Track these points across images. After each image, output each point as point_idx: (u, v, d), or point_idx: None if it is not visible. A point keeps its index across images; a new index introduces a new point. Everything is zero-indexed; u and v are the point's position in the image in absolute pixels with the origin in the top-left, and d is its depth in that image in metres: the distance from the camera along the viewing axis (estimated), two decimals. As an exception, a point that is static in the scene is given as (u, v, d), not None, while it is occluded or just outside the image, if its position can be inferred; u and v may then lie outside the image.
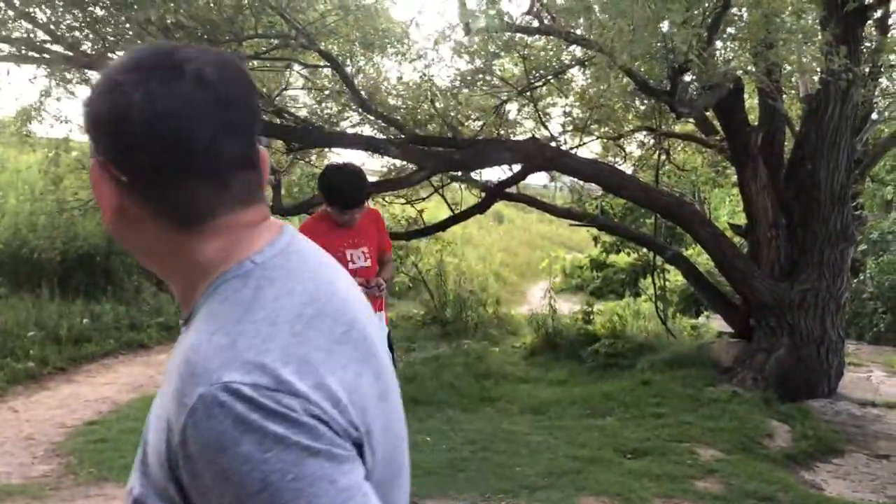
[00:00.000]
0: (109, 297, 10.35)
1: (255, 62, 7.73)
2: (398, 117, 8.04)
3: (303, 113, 9.43)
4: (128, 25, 6.21)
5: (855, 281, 12.91)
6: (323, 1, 7.46)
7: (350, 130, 9.20)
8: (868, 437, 6.28)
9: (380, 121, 7.95)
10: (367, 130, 9.03)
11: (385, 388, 0.94)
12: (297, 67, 8.86)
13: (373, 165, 12.12)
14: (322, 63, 7.86)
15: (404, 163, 8.50)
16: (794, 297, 7.13)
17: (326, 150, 10.50)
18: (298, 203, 9.11)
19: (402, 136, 7.57)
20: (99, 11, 6.30)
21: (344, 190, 3.72)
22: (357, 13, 7.24)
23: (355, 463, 0.83)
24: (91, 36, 6.68)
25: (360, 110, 8.14)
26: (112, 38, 6.35)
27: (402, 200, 10.52)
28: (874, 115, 11.83)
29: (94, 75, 7.38)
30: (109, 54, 6.72)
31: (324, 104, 9.22)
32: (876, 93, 11.74)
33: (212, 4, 6.43)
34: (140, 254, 0.95)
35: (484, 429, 6.21)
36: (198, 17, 6.38)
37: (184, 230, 0.90)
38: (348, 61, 8.29)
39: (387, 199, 10.65)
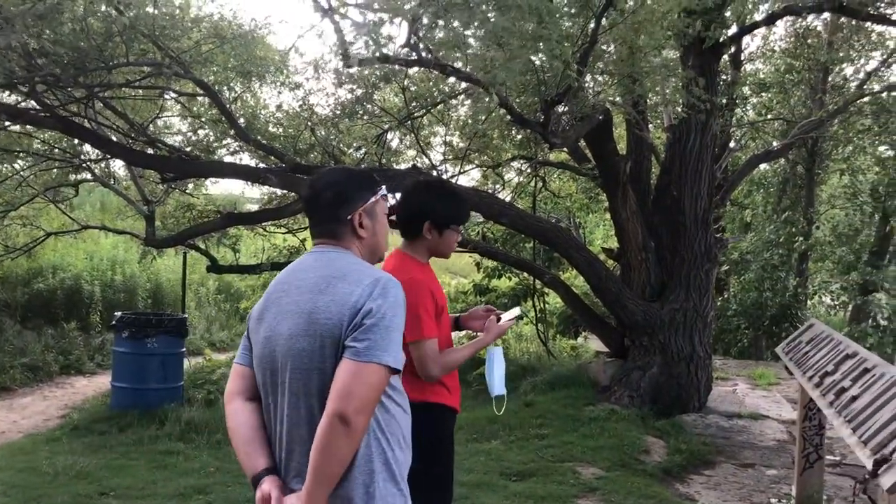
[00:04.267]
0: (-35, 339, 9.64)
1: (126, 90, 7.47)
2: (278, 146, 7.93)
3: (178, 141, 9.17)
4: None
5: (720, 299, 13.70)
6: (198, 29, 7.30)
7: (228, 159, 9.01)
8: (735, 447, 6.65)
9: (259, 149, 7.81)
10: (245, 159, 8.87)
11: (263, 316, 2.06)
12: (171, 95, 8.61)
13: (252, 194, 11.89)
14: (198, 91, 7.68)
15: (285, 192, 8.39)
16: (664, 316, 7.49)
17: (203, 179, 10.24)
18: (174, 234, 8.79)
19: (283, 165, 7.47)
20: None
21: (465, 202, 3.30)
22: (233, 41, 7.12)
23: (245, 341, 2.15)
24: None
25: (237, 139, 7.98)
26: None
27: (284, 230, 10.37)
28: (732, 144, 12.66)
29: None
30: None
31: (200, 132, 9.00)
32: (733, 123, 12.58)
33: (79, 30, 6.16)
34: None
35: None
36: (64, 43, 6.10)
37: None
38: (225, 89, 8.14)
39: (268, 228, 10.47)
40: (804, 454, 5.11)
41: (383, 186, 2.22)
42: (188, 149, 8.57)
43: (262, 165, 8.32)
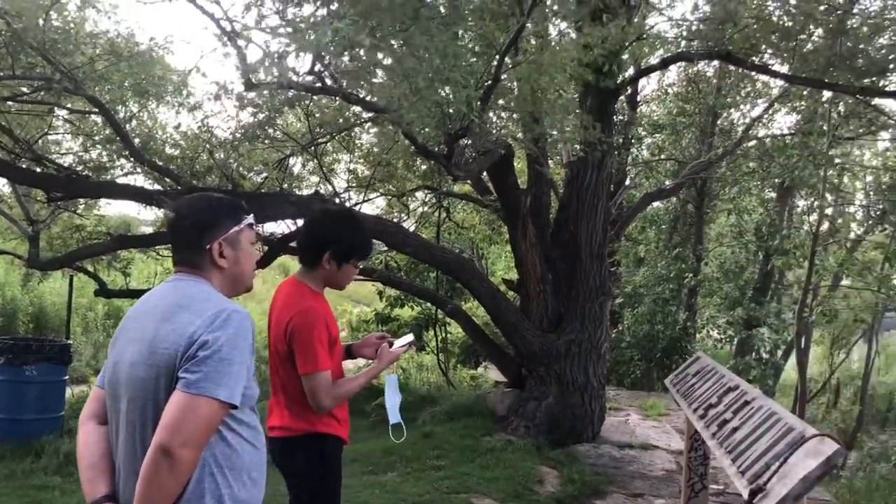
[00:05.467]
0: None
1: (12, 104, 7.11)
2: (174, 168, 7.71)
3: (69, 160, 8.79)
4: None
5: (614, 332, 14.10)
6: (92, 45, 7.04)
7: (122, 180, 8.69)
8: (626, 477, 6.81)
9: (154, 171, 7.56)
10: (140, 180, 8.58)
11: (115, 341, 2.07)
12: (61, 112, 8.25)
13: (148, 217, 11.50)
14: (91, 109, 7.39)
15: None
16: (560, 347, 7.64)
17: (94, 200, 9.84)
18: (60, 256, 8.37)
19: (178, 188, 7.25)
20: None
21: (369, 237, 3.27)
22: (130, 60, 6.90)
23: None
24: None
25: (132, 159, 7.71)
26: None
27: (179, 254, 10.06)
28: (627, 182, 13.14)
29: None
30: None
31: (92, 152, 8.64)
32: (628, 162, 13.08)
33: (-41, 39, 5.84)
34: None
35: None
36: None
37: None
38: (120, 108, 7.86)
39: (162, 252, 10.13)
40: (690, 484, 5.29)
41: (250, 215, 2.20)
42: (79, 168, 8.21)
43: (157, 187, 8.06)
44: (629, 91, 12.64)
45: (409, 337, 3.39)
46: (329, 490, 3.06)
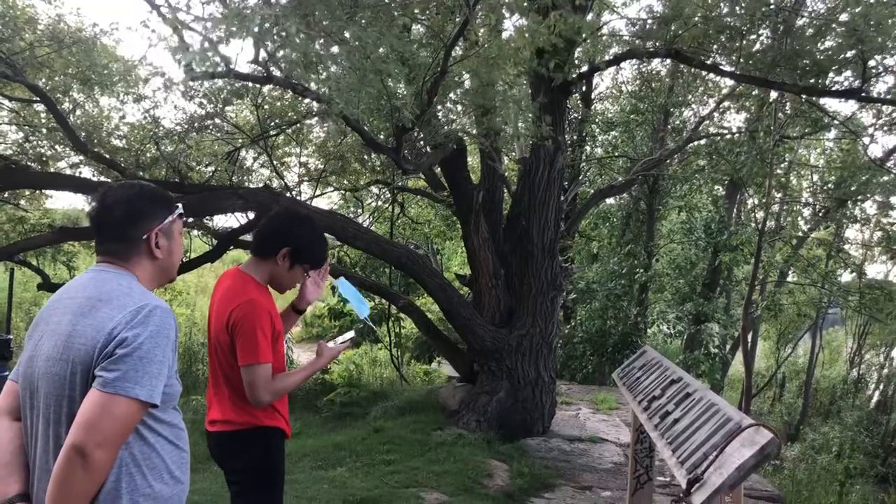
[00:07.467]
0: None
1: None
2: (120, 159, 7.54)
3: (9, 150, 8.53)
4: None
5: (567, 327, 14.21)
6: (32, 31, 6.82)
7: (68, 171, 8.48)
8: (575, 470, 6.87)
9: (99, 162, 7.39)
10: (85, 172, 8.38)
11: (32, 334, 1.98)
12: (2, 101, 8.01)
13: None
14: (32, 97, 7.19)
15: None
16: (512, 342, 7.67)
17: (39, 193, 9.58)
18: None
19: (124, 179, 7.10)
20: None
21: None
22: (73, 47, 6.71)
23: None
24: None
25: (76, 150, 7.52)
26: None
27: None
28: (580, 178, 13.24)
29: None
30: None
31: (34, 141, 8.40)
32: (582, 158, 13.18)
33: None
34: None
35: (209, 489, 5.89)
36: None
37: None
38: (65, 98, 7.65)
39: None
40: (635, 476, 5.34)
41: (180, 205, 2.15)
42: (20, 158, 7.98)
43: (104, 179, 7.88)
44: (584, 88, 12.75)
45: (351, 333, 3.39)
46: (273, 484, 3.02)
